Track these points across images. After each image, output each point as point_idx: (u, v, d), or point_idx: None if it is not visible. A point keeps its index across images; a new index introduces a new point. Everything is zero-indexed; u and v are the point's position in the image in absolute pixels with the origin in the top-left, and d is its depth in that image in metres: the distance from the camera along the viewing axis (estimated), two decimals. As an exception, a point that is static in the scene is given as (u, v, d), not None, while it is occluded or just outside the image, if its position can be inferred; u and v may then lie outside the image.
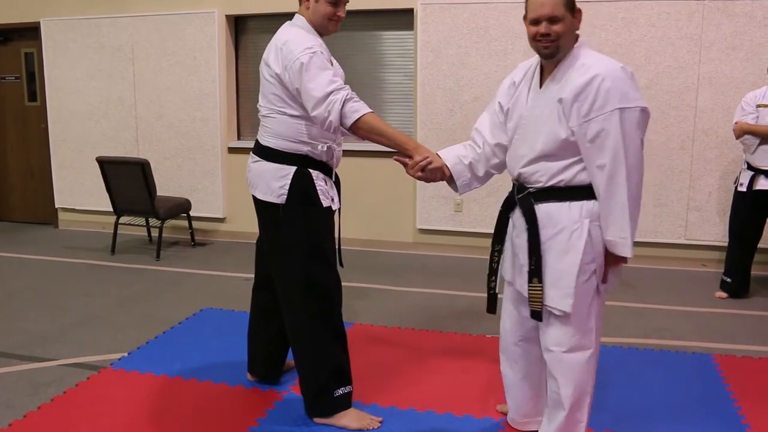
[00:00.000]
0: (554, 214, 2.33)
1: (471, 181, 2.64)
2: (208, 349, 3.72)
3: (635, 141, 2.21)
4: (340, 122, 2.57)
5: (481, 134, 2.61)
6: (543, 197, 2.35)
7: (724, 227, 5.24)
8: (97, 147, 6.78)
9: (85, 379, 3.33)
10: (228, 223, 6.69)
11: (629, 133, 2.19)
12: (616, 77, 2.19)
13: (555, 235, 2.32)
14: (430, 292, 4.91)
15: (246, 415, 2.96)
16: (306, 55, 2.57)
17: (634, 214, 2.26)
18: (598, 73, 2.18)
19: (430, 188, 5.91)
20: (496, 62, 5.67)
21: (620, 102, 2.17)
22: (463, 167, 2.62)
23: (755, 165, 4.50)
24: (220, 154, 6.50)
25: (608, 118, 2.17)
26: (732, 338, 3.96)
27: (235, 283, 5.12)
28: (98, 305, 4.57)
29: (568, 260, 2.30)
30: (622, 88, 2.18)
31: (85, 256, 5.99)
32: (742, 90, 4.98)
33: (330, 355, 2.82)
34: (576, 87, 2.21)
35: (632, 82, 2.22)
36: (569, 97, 2.22)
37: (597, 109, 2.18)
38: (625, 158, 2.18)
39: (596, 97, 2.17)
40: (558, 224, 2.32)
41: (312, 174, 2.74)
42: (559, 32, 2.25)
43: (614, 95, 2.17)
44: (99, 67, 6.73)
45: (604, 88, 2.16)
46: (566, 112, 2.24)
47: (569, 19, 2.26)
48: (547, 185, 2.34)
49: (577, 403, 2.42)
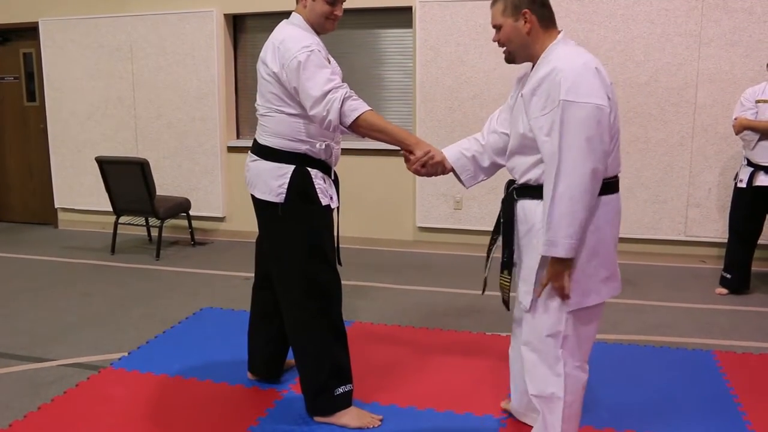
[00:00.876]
0: (527, 211, 2.36)
1: (476, 173, 2.65)
2: (208, 349, 3.72)
3: (577, 138, 2.09)
4: (340, 121, 2.56)
5: (490, 122, 2.64)
6: (521, 194, 2.39)
7: (723, 223, 5.23)
8: (97, 147, 6.78)
9: (85, 379, 3.33)
10: (227, 223, 6.69)
11: (570, 129, 2.09)
12: (572, 70, 2.12)
13: (527, 231, 2.36)
14: (430, 290, 4.91)
15: (246, 414, 2.96)
16: (303, 54, 2.56)
17: (559, 212, 2.13)
18: (555, 67, 2.15)
19: (429, 186, 5.91)
20: (495, 59, 5.67)
21: (566, 95, 2.09)
22: (466, 160, 2.62)
23: (755, 161, 4.49)
24: (219, 153, 6.49)
25: (555, 112, 2.12)
26: (732, 334, 3.96)
27: (234, 282, 5.12)
28: (98, 305, 4.57)
29: (535, 257, 2.31)
30: (574, 81, 2.10)
31: (85, 256, 5.99)
32: (741, 86, 4.97)
33: (330, 353, 2.82)
34: (534, 82, 2.22)
35: (593, 78, 2.12)
36: (528, 92, 2.24)
37: (549, 104, 2.15)
38: (560, 153, 2.11)
39: (550, 91, 2.15)
40: (529, 221, 2.34)
41: (311, 172, 2.74)
42: (501, 40, 2.33)
43: (563, 88, 2.10)
44: (98, 66, 6.72)
45: (557, 81, 2.13)
46: (526, 107, 2.26)
47: (510, 25, 2.29)
48: (521, 182, 2.37)
49: (546, 406, 2.38)
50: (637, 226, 5.50)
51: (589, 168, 2.11)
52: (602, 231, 2.27)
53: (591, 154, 2.10)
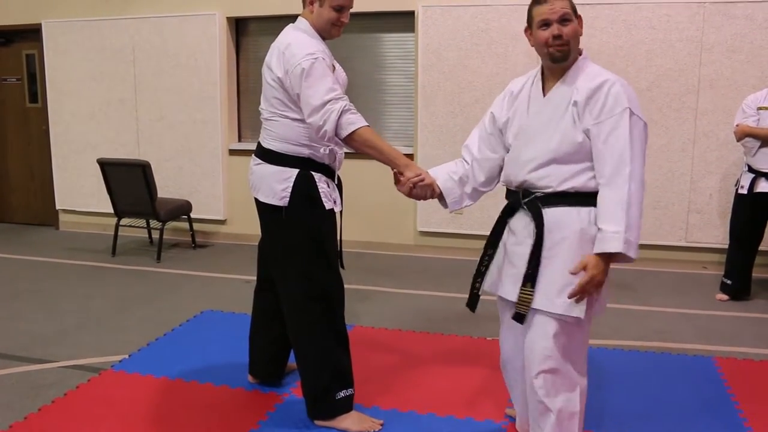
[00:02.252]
0: (562, 218, 2.28)
1: (461, 198, 2.63)
2: (208, 351, 3.72)
3: (640, 147, 2.20)
4: (335, 132, 2.57)
5: (469, 150, 2.62)
6: (551, 202, 2.31)
7: (724, 229, 5.23)
8: (98, 149, 6.78)
9: (85, 381, 3.33)
10: (229, 225, 6.69)
11: (636, 136, 2.19)
12: (624, 86, 2.23)
13: (562, 240, 2.27)
14: (431, 294, 4.91)
15: (247, 418, 2.96)
16: (307, 61, 2.57)
17: (635, 215, 2.17)
18: (608, 79, 2.23)
19: (430, 190, 5.90)
20: (497, 64, 5.67)
21: (629, 104, 2.19)
22: (453, 183, 2.61)
23: (756, 167, 4.50)
24: (220, 155, 6.49)
25: (618, 119, 2.18)
26: (733, 341, 3.96)
27: (235, 285, 5.11)
28: (99, 307, 4.57)
29: (561, 268, 2.26)
30: (630, 95, 2.22)
31: (86, 257, 5.99)
32: (742, 92, 4.98)
33: (332, 357, 2.82)
34: (588, 90, 2.23)
35: (637, 99, 2.26)
36: (582, 100, 2.24)
37: (608, 111, 2.20)
38: (630, 158, 2.17)
39: (606, 100, 2.20)
40: (565, 228, 2.27)
41: (314, 176, 2.74)
42: (569, 34, 2.28)
43: (624, 98, 2.20)
44: (100, 68, 6.73)
45: (614, 91, 2.20)
46: (580, 115, 2.24)
47: (575, 23, 2.30)
48: (558, 190, 2.29)
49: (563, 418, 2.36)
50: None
51: (643, 177, 2.21)
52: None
53: (643, 164, 2.22)
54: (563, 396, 2.32)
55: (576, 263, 2.23)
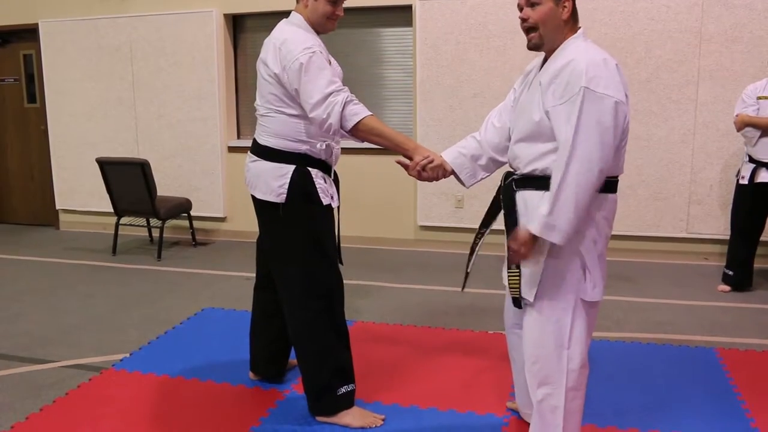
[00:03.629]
0: (529, 203, 2.26)
1: (475, 171, 2.60)
2: (209, 349, 3.71)
3: (593, 128, 2.06)
4: (341, 125, 2.56)
5: (488, 119, 2.61)
6: (522, 184, 2.31)
7: (725, 220, 5.22)
8: (97, 148, 6.77)
9: (86, 380, 3.32)
10: (229, 223, 6.69)
11: (588, 118, 2.06)
12: (594, 62, 2.10)
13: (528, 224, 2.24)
14: (432, 288, 4.90)
15: (248, 415, 2.95)
16: (305, 56, 2.56)
17: (566, 199, 2.08)
18: (575, 58, 2.12)
19: (430, 185, 5.89)
20: (495, 58, 5.66)
21: (588, 83, 2.06)
22: (463, 159, 2.59)
23: (756, 157, 4.48)
24: (220, 153, 6.49)
25: (574, 99, 2.08)
26: (735, 332, 3.95)
27: (236, 282, 5.11)
28: (99, 306, 4.57)
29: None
30: (596, 73, 2.07)
31: (86, 257, 5.99)
32: (742, 83, 4.96)
33: (332, 353, 2.81)
34: (553, 71, 2.17)
35: (611, 74, 2.10)
36: (546, 81, 2.19)
37: (567, 92, 2.11)
38: (577, 141, 2.06)
39: (569, 80, 2.10)
40: (530, 214, 2.23)
41: (311, 172, 2.73)
42: (535, 18, 2.20)
43: (586, 77, 2.07)
44: (98, 67, 6.72)
45: (578, 70, 2.09)
46: (543, 95, 2.20)
47: (550, 6, 2.19)
48: (525, 171, 2.29)
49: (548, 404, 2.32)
50: (639, 224, 5.49)
51: (597, 159, 2.07)
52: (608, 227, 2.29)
53: (603, 147, 2.07)
54: (544, 389, 2.31)
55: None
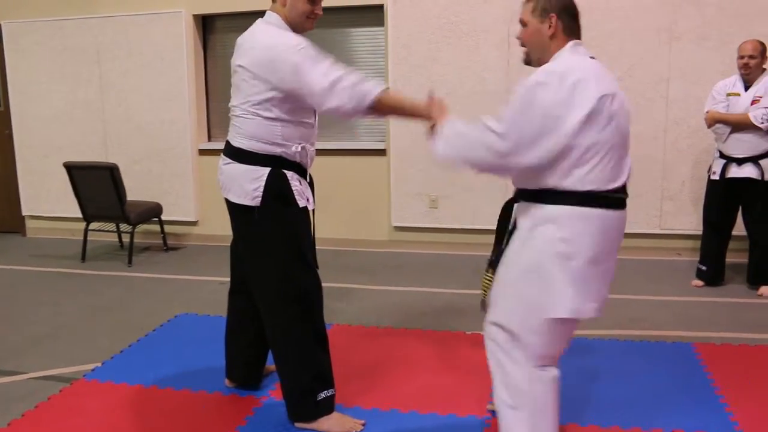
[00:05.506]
0: (520, 213, 2.30)
1: None
2: (184, 357, 3.64)
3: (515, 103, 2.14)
4: (356, 108, 2.51)
5: None
6: (520, 194, 2.33)
7: (698, 216, 5.26)
8: (64, 152, 6.63)
9: (57, 392, 3.23)
10: (200, 226, 6.60)
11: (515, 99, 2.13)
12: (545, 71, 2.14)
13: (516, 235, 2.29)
14: (408, 290, 4.87)
15: (225, 424, 2.90)
16: (297, 54, 2.51)
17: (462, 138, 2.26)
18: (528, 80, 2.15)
19: (405, 185, 5.88)
20: (468, 57, 5.64)
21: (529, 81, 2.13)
22: None
23: (727, 153, 4.52)
24: (190, 156, 6.40)
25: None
26: (710, 326, 3.98)
27: (210, 287, 5.03)
28: (69, 315, 4.46)
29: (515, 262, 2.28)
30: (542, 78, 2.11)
31: (55, 264, 5.86)
32: (712, 80, 5.00)
33: (312, 358, 2.77)
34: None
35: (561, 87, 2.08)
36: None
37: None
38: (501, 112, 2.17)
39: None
40: (520, 223, 2.29)
41: (286, 174, 2.68)
42: (523, 38, 2.32)
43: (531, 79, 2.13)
44: (64, 70, 6.59)
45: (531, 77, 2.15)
46: None
47: (534, 26, 2.27)
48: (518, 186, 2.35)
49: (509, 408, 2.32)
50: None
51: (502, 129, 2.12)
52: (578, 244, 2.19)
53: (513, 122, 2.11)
54: (498, 388, 2.33)
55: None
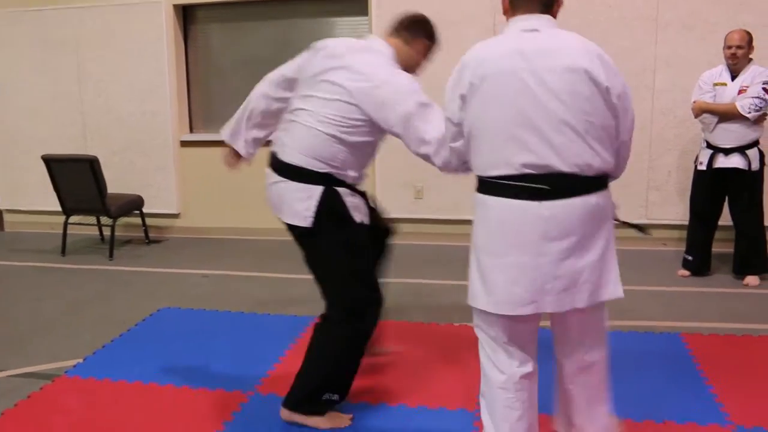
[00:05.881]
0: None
1: None
2: (167, 352, 3.58)
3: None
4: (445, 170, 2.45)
5: None
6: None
7: (683, 206, 5.27)
8: (43, 144, 6.51)
9: (37, 389, 3.16)
10: (183, 219, 6.52)
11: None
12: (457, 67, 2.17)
13: None
14: (393, 281, 4.77)
15: (211, 419, 2.84)
16: (412, 104, 2.47)
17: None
18: None
19: (390, 175, 5.83)
20: (453, 47, 5.52)
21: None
22: None
23: (714, 143, 4.52)
24: (172, 148, 6.31)
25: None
26: (697, 316, 3.98)
27: (193, 280, 4.97)
28: (50, 310, 4.38)
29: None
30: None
31: (34, 258, 5.76)
32: (698, 70, 4.99)
33: (344, 368, 2.72)
34: None
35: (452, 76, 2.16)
36: None
37: None
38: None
39: None
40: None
41: (340, 192, 2.58)
42: None
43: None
44: (42, 61, 6.46)
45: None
46: None
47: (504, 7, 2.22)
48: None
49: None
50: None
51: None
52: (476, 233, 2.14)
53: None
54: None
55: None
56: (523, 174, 1.99)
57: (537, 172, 1.98)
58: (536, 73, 1.97)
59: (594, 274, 2.05)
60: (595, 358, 2.26)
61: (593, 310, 2.14)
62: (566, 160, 1.97)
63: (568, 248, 2.00)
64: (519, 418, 2.20)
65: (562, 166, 1.97)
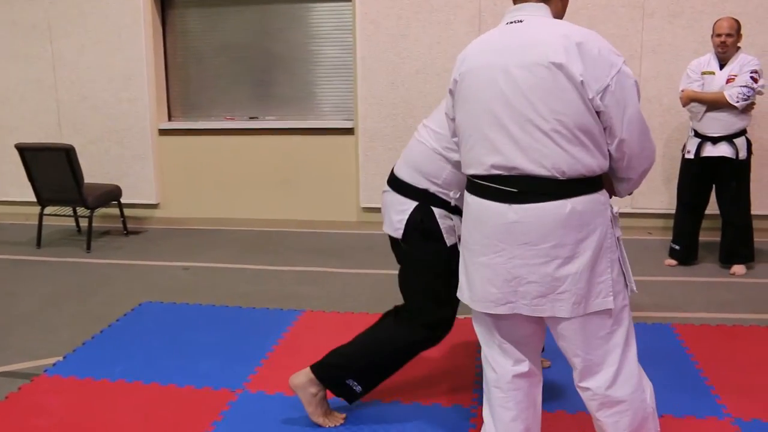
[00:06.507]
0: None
1: None
2: (151, 348, 3.49)
3: None
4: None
5: None
6: None
7: (669, 195, 5.26)
8: (16, 133, 6.35)
9: (16, 389, 3.06)
10: (162, 209, 6.40)
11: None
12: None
13: None
14: (381, 272, 4.75)
15: (199, 418, 2.76)
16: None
17: None
18: None
19: (373, 165, 5.75)
20: (438, 33, 5.52)
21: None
22: None
23: (702, 132, 4.50)
24: (150, 136, 6.17)
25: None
26: (687, 306, 3.98)
27: (173, 273, 4.86)
28: (25, 305, 4.26)
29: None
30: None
31: (8, 251, 5.61)
32: (684, 57, 4.98)
33: (386, 365, 2.68)
34: None
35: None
36: None
37: None
38: None
39: None
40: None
41: (434, 211, 2.51)
42: None
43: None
44: (13, 47, 6.28)
45: None
46: None
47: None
48: None
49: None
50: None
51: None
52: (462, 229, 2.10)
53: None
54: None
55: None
56: (493, 175, 1.91)
57: (506, 173, 1.89)
58: (506, 69, 1.86)
59: (578, 284, 1.91)
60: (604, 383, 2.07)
61: (584, 322, 1.98)
62: (535, 162, 1.84)
63: (545, 254, 1.89)
64: (513, 419, 2.14)
65: (532, 168, 1.85)
